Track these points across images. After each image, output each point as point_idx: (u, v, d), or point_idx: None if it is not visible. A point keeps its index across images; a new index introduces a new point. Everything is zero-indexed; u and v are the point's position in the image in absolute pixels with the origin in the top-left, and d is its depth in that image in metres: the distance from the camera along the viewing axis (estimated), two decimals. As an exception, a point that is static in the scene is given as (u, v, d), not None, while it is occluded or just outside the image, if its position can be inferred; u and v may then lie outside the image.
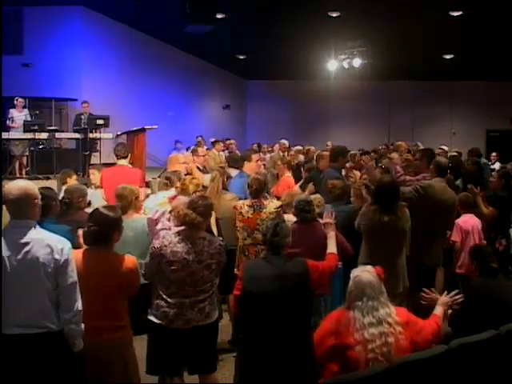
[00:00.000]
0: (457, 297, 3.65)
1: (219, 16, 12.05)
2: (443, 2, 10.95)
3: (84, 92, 12.96)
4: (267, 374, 3.31)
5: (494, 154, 12.65)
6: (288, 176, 7.69)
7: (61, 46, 13.64)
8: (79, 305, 3.00)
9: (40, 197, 3.09)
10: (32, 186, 3.08)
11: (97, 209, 3.49)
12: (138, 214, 5.13)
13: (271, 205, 4.94)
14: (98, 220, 3.34)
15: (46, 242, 2.96)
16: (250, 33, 13.61)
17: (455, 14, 11.68)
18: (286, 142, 11.29)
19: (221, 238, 3.85)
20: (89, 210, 5.18)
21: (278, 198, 5.63)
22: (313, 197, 5.06)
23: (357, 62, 14.56)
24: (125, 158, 6.49)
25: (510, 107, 17.80)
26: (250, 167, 6.72)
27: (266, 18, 12.23)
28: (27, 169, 10.47)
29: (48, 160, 10.23)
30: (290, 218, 4.82)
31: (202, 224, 3.67)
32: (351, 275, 3.26)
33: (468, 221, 5.81)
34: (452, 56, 15.43)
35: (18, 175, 10.26)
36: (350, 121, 18.88)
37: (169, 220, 4.42)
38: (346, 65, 14.84)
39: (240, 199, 5.27)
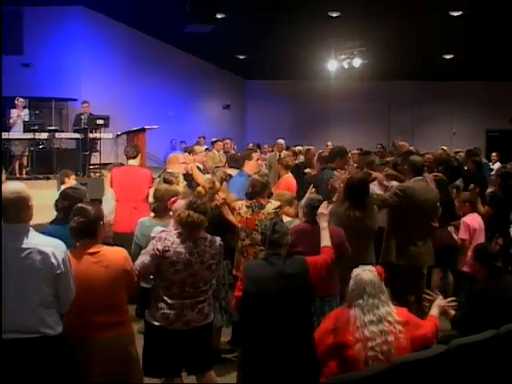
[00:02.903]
0: (452, 302, 3.69)
1: (219, 16, 12.06)
2: (443, 2, 10.96)
3: (84, 92, 12.96)
4: (269, 374, 3.31)
5: (494, 154, 12.67)
6: (288, 176, 7.65)
7: (61, 46, 13.64)
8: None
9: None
10: (24, 188, 2.99)
11: (78, 205, 3.37)
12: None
13: (270, 205, 4.91)
14: (82, 215, 3.23)
15: (41, 247, 2.90)
16: (249, 33, 13.61)
17: (455, 13, 11.69)
18: (282, 141, 11.25)
19: (219, 238, 3.84)
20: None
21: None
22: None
23: (357, 62, 14.55)
24: (134, 158, 6.47)
25: (510, 107, 17.80)
26: (250, 166, 6.65)
27: (266, 18, 12.23)
28: (27, 169, 10.49)
29: (48, 160, 10.24)
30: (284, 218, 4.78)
31: (202, 223, 3.67)
32: (352, 275, 3.28)
33: (475, 219, 5.80)
34: (452, 56, 15.44)
35: (17, 175, 10.28)
36: (349, 121, 18.86)
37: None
38: (345, 65, 14.83)
39: (239, 199, 5.25)
